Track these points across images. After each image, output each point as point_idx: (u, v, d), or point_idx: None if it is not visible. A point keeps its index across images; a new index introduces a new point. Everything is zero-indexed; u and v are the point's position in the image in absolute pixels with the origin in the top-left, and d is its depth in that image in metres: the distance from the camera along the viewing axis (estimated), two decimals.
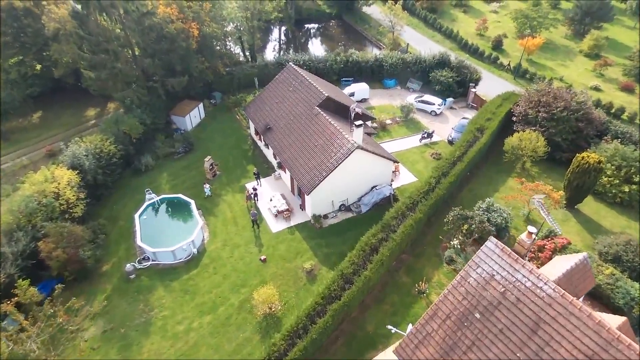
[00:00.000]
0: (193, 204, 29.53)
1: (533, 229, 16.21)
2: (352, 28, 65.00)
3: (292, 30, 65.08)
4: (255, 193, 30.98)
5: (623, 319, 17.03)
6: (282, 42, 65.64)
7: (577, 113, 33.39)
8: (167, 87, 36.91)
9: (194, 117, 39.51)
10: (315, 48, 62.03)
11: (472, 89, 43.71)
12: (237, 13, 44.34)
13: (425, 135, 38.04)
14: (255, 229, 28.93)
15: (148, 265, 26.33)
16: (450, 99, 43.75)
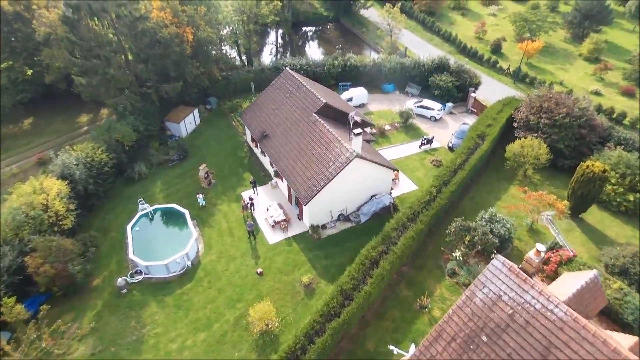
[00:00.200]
0: (187, 214, 28.68)
1: (542, 247, 15.42)
2: (349, 31, 64.35)
3: (289, 34, 64.39)
4: (252, 202, 30.15)
5: (635, 340, 16.28)
6: (279, 45, 64.92)
7: (579, 119, 32.79)
8: (161, 93, 36.03)
9: (189, 123, 38.65)
10: (313, 51, 61.36)
11: (471, 94, 43.09)
12: (232, 17, 43.57)
13: (425, 142, 37.35)
14: (252, 240, 28.10)
15: (140, 279, 25.43)
16: (450, 104, 43.10)
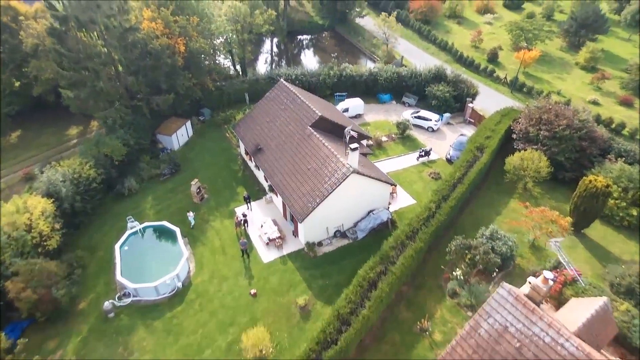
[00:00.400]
0: (178, 232, 27.65)
1: (549, 274, 14.60)
2: (345, 40, 63.88)
3: (284, 42, 63.83)
4: (245, 219, 29.19)
5: None
6: (274, 54, 64.30)
7: (580, 131, 32.20)
8: (152, 105, 35.10)
9: (181, 135, 37.72)
10: (308, 60, 60.78)
11: (469, 104, 42.52)
12: (226, 27, 42.83)
13: (423, 154, 36.63)
14: (245, 259, 27.10)
15: (129, 302, 24.32)
16: (447, 114, 42.48)
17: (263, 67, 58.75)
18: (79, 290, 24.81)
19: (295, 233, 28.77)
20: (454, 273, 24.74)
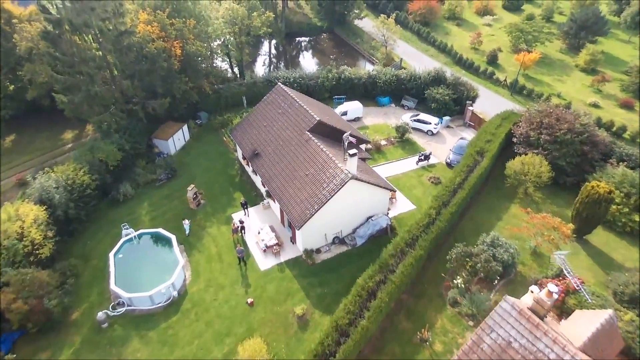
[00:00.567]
0: (174, 240, 27.15)
1: (554, 288, 14.17)
2: (344, 42, 63.44)
3: (282, 44, 63.38)
4: (242, 226, 28.71)
5: None
6: (272, 56, 63.87)
7: (581, 136, 31.78)
8: (148, 109, 34.62)
9: (178, 140, 37.23)
10: (307, 62, 60.34)
11: (469, 107, 42.11)
12: (223, 29, 42.38)
13: (422, 158, 36.19)
14: (242, 267, 26.62)
15: (123, 312, 23.82)
16: (447, 118, 42.06)
17: (261, 69, 58.30)
18: (72, 300, 24.29)
19: (293, 240, 28.31)
20: (455, 281, 24.30)
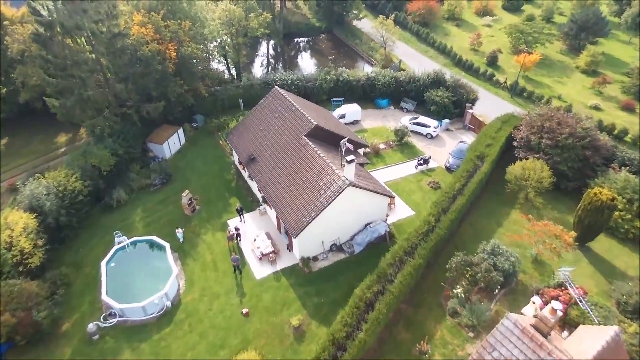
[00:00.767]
0: (168, 248, 26.57)
1: (558, 305, 13.66)
2: (342, 42, 62.81)
3: (280, 45, 62.75)
4: (238, 233, 28.15)
5: None
6: (270, 57, 63.23)
7: (583, 140, 31.26)
8: (142, 113, 33.97)
9: (173, 143, 36.63)
10: (305, 62, 59.74)
11: (469, 110, 41.56)
12: (219, 30, 41.73)
13: (422, 162, 35.63)
14: (237, 275, 26.06)
15: (114, 323, 23.25)
16: (447, 120, 41.52)
17: (259, 70, 57.68)
18: (63, 311, 23.70)
19: (290, 247, 27.76)
20: (455, 291, 23.77)
